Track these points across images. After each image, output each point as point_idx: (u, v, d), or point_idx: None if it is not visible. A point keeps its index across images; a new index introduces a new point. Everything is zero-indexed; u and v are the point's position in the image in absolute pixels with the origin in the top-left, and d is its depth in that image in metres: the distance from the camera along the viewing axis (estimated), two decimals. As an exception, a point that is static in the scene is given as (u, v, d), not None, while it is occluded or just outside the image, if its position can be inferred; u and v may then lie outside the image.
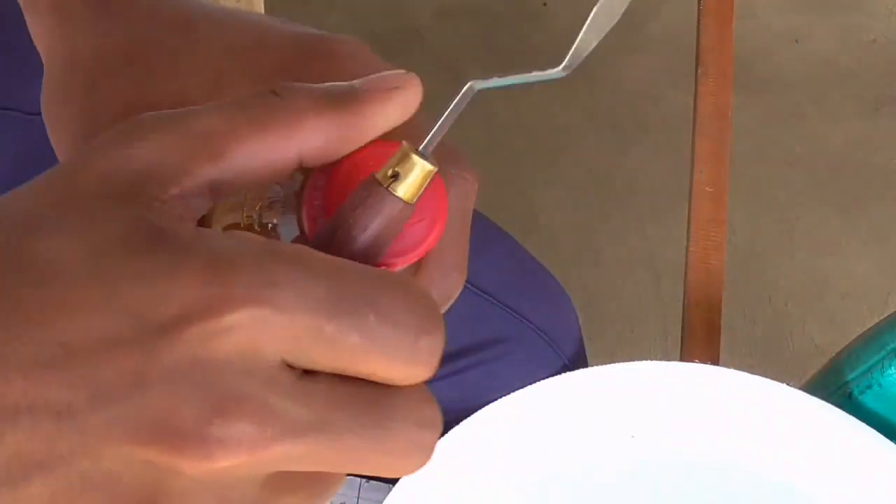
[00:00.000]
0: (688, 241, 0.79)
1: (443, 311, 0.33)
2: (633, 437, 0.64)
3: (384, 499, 0.59)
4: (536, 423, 0.63)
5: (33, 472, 0.26)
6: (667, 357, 0.66)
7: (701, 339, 0.76)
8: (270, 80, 0.33)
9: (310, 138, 0.30)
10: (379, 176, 0.30)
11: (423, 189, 0.30)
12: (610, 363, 0.65)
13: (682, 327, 0.77)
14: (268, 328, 0.26)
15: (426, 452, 0.29)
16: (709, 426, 0.64)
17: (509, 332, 0.70)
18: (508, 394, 0.62)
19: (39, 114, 0.63)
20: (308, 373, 0.28)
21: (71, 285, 0.26)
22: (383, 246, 0.31)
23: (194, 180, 0.29)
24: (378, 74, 0.32)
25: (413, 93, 0.32)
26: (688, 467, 0.64)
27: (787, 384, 0.64)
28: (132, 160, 0.28)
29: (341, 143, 0.31)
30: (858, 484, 0.63)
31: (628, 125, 1.82)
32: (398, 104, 0.32)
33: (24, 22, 0.49)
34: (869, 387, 0.68)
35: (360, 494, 0.64)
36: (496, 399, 0.63)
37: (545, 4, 1.94)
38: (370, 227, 0.30)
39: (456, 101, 0.32)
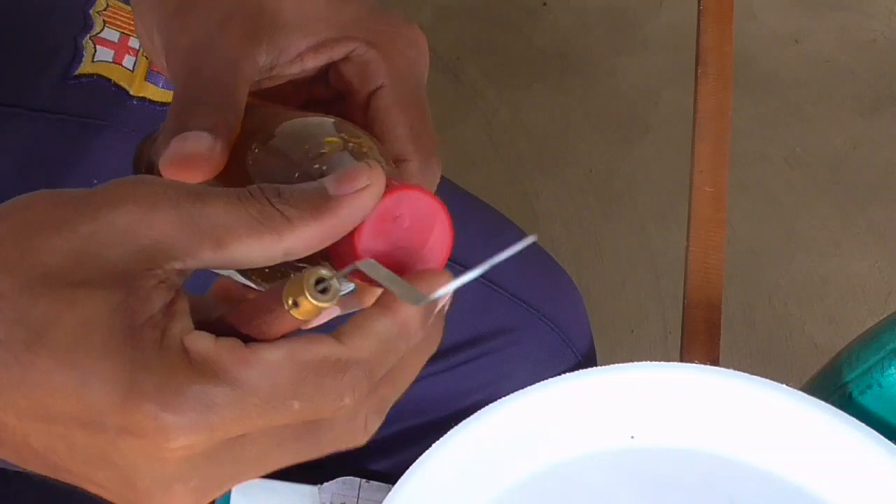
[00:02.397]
0: (688, 241, 0.79)
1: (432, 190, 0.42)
2: (632, 437, 0.64)
3: (384, 499, 0.59)
4: (536, 423, 0.63)
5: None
6: (667, 357, 0.66)
7: (701, 339, 0.76)
8: (345, 29, 0.44)
9: (295, 241, 0.35)
10: (283, 296, 0.34)
11: (316, 316, 0.35)
12: (610, 363, 0.65)
13: (682, 327, 0.77)
14: (204, 442, 0.33)
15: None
16: (708, 426, 0.64)
17: (517, 321, 0.70)
18: (516, 384, 0.62)
19: (44, 111, 0.64)
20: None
21: (53, 359, 0.32)
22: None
23: (194, 262, 0.34)
24: (348, 171, 0.36)
25: (379, 185, 0.37)
26: (687, 468, 0.64)
27: (787, 384, 0.64)
28: (152, 227, 0.33)
29: (321, 242, 0.36)
30: (858, 484, 0.63)
31: (628, 125, 1.82)
32: (369, 199, 0.36)
33: (31, 21, 0.51)
34: (869, 387, 0.68)
35: (360, 494, 0.64)
36: (505, 388, 0.63)
37: (545, 4, 1.94)
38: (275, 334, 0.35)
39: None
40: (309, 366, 0.33)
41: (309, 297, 0.34)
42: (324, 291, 0.34)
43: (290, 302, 0.34)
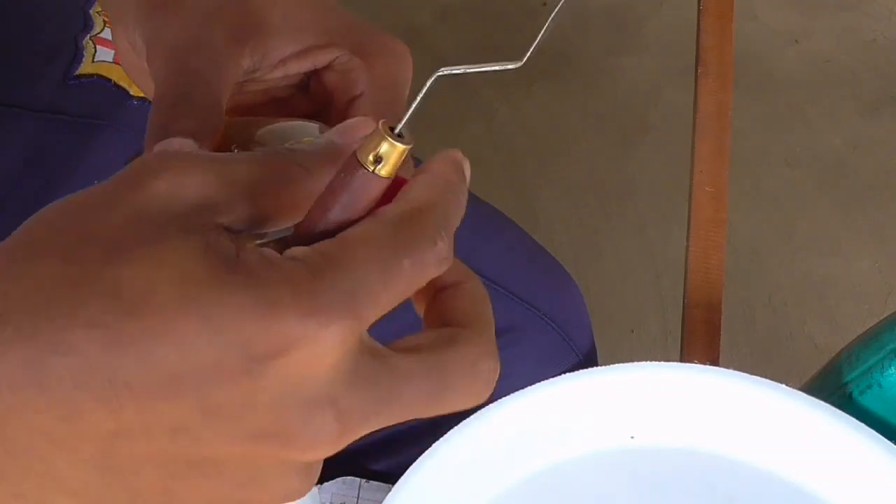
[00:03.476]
0: (688, 241, 0.79)
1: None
2: (632, 437, 0.64)
3: (384, 499, 0.59)
4: (536, 423, 0.63)
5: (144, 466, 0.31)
6: (667, 357, 0.66)
7: (701, 339, 0.76)
8: (330, 38, 0.44)
9: (315, 191, 0.35)
10: (362, 159, 0.34)
11: (399, 164, 0.35)
12: (610, 363, 0.65)
13: (682, 327, 0.77)
14: (352, 334, 0.31)
15: (484, 393, 0.36)
16: (708, 427, 0.64)
17: (518, 320, 0.70)
18: (517, 384, 0.62)
19: (44, 111, 0.63)
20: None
21: (167, 316, 0.29)
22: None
23: (233, 216, 0.33)
24: (348, 124, 0.37)
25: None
26: (687, 468, 0.64)
27: (787, 384, 0.64)
28: (186, 188, 0.32)
29: None
30: (858, 484, 0.63)
31: (628, 125, 1.82)
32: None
33: (31, 21, 0.50)
34: (869, 387, 0.68)
35: (360, 494, 0.64)
36: (505, 388, 0.63)
37: (545, 4, 1.94)
38: (363, 208, 0.35)
39: (426, 86, 0.37)
40: (394, 224, 0.33)
41: (392, 141, 0.34)
42: (400, 136, 0.34)
43: (371, 159, 0.34)
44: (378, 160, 0.34)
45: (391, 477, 0.61)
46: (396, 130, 0.35)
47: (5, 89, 0.62)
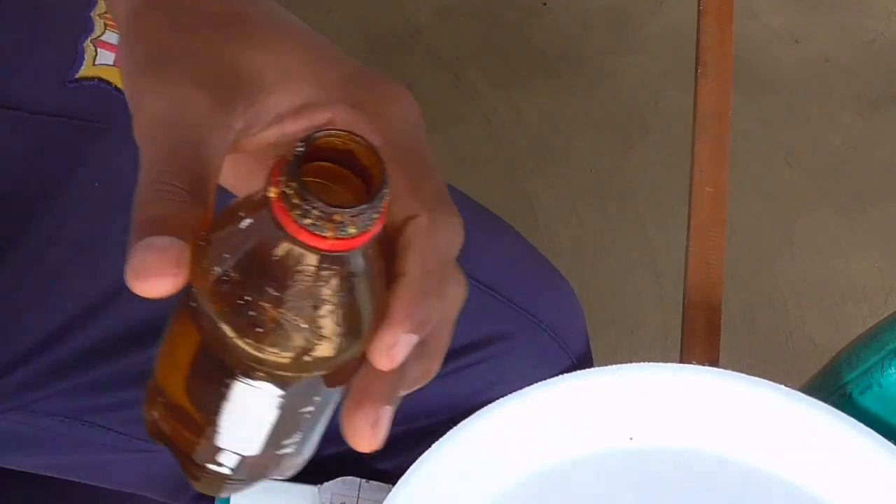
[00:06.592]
0: (688, 241, 0.79)
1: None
2: (631, 438, 0.65)
3: (384, 499, 0.59)
4: (535, 423, 0.63)
5: None
6: (666, 357, 0.66)
7: (701, 340, 0.76)
8: (327, 93, 0.42)
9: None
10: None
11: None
12: (609, 364, 0.65)
13: (682, 327, 0.77)
14: None
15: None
16: (708, 427, 0.64)
17: (513, 327, 0.70)
18: (512, 391, 0.62)
19: (42, 113, 0.63)
20: None
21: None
22: None
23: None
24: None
25: None
26: (687, 468, 0.64)
27: (787, 385, 0.64)
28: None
29: None
30: (858, 484, 0.63)
31: (628, 125, 1.82)
32: None
33: (31, 24, 0.50)
34: (869, 387, 0.68)
35: (360, 494, 0.64)
36: (501, 393, 0.63)
37: (545, 4, 1.94)
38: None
39: None
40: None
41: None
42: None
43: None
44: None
45: (391, 477, 0.61)
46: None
47: (5, 92, 0.62)
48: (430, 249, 0.40)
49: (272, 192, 0.34)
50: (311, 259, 0.35)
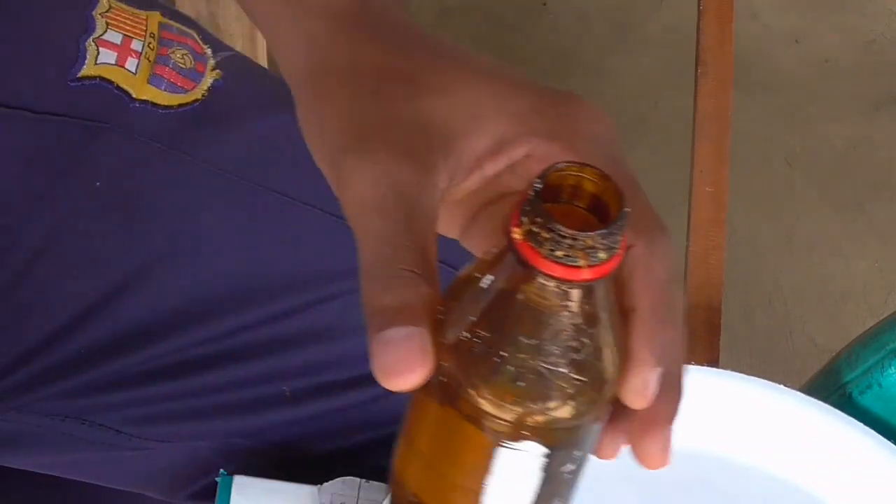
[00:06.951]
0: (688, 241, 0.80)
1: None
2: (632, 437, 0.65)
3: (384, 499, 0.59)
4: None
5: None
6: (667, 357, 0.66)
7: (701, 339, 0.76)
8: (520, 124, 0.40)
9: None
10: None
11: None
12: (610, 363, 0.65)
13: (682, 328, 0.77)
14: None
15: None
16: (708, 427, 0.64)
17: None
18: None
19: (48, 113, 0.63)
20: None
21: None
22: None
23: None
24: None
25: None
26: (687, 468, 0.64)
27: (787, 385, 0.64)
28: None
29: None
30: (858, 484, 0.63)
31: (628, 125, 1.82)
32: None
33: (33, 23, 0.49)
34: (869, 387, 0.68)
35: (360, 494, 0.64)
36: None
37: (545, 4, 1.94)
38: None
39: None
40: None
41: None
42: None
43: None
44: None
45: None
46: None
47: (6, 91, 0.62)
48: (654, 280, 0.38)
49: (517, 234, 0.33)
50: (566, 295, 0.34)
